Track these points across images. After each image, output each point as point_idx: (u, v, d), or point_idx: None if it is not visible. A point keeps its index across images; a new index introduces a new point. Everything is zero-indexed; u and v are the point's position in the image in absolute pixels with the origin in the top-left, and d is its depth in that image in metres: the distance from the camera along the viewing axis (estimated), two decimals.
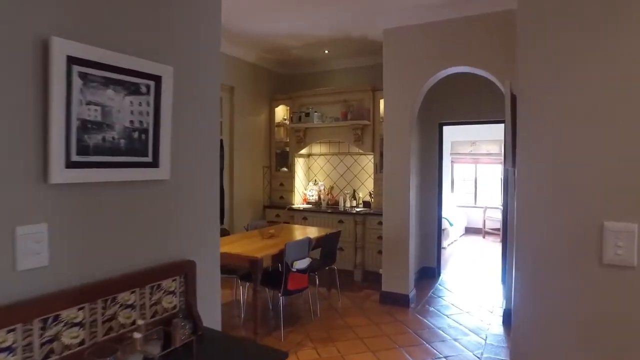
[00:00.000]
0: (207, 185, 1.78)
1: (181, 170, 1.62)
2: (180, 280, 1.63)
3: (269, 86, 6.28)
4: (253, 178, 6.06)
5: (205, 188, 1.76)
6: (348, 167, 6.10)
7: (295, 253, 3.54)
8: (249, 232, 4.38)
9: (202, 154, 1.73)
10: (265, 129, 6.27)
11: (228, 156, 5.59)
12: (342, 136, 5.70)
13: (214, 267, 1.84)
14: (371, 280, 5.15)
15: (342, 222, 5.42)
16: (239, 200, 5.75)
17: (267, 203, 6.32)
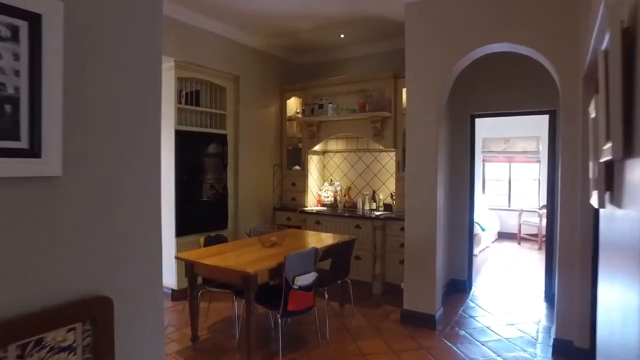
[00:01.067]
0: (138, 186, 1.21)
1: (85, 163, 1.06)
2: (84, 329, 1.08)
3: (278, 76, 5.73)
4: (262, 177, 5.53)
5: (134, 190, 1.20)
6: (367, 166, 5.48)
7: (297, 267, 2.97)
8: (250, 240, 3.84)
9: (127, 136, 1.16)
10: (276, 123, 5.73)
11: (233, 153, 5.07)
12: (360, 130, 5.09)
13: (152, 305, 1.27)
14: (392, 294, 4.52)
15: (360, 227, 4.81)
16: (245, 201, 5.23)
17: (277, 205, 5.77)
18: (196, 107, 4.57)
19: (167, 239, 4.46)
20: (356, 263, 4.75)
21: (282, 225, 5.57)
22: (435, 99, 3.65)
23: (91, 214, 1.08)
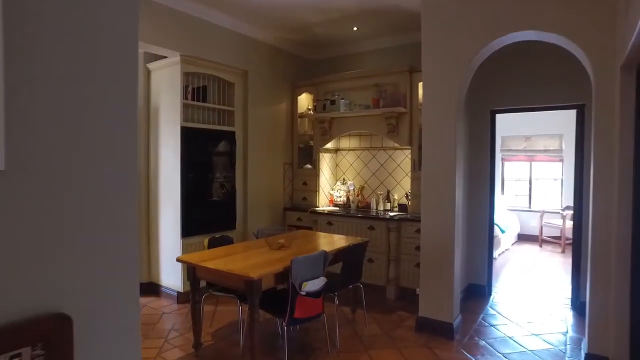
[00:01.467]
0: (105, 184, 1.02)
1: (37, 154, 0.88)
2: (34, 354, 0.90)
3: (290, 71, 5.54)
4: (272, 176, 5.35)
5: (100, 188, 1.01)
6: (381, 164, 5.25)
7: (305, 271, 2.77)
8: (257, 241, 3.65)
9: (87, 130, 0.97)
10: (286, 120, 5.54)
11: (241, 150, 4.90)
12: (373, 127, 4.86)
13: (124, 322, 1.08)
14: (407, 299, 4.29)
15: (374, 228, 4.59)
16: (255, 201, 5.05)
17: (287, 205, 5.58)
18: (203, 103, 4.42)
19: (172, 240, 4.32)
20: (369, 266, 4.53)
21: (292, 226, 5.39)
22: (454, 93, 3.41)
23: (45, 213, 0.90)
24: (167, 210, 4.42)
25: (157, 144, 4.52)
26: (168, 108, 4.36)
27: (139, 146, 3.80)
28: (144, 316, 3.88)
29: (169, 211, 4.38)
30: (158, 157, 4.51)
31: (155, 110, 4.54)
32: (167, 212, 4.42)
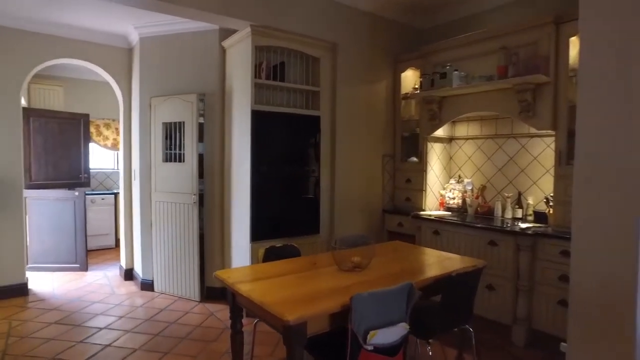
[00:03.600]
0: None
1: None
2: None
3: (391, 43, 4.53)
4: (367, 171, 4.44)
5: None
6: (511, 157, 3.93)
7: (374, 315, 1.83)
8: (328, 256, 2.79)
9: None
10: (387, 103, 4.56)
11: (328, 139, 4.10)
12: (499, 106, 3.60)
13: None
14: (542, 349, 3.00)
15: (496, 244, 3.36)
16: (344, 201, 4.22)
17: (387, 206, 4.61)
18: (280, 83, 3.73)
19: (243, 244, 3.74)
20: (487, 295, 3.33)
21: (392, 232, 4.43)
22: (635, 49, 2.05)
23: None
24: (237, 209, 3.87)
25: (231, 133, 4.00)
26: (240, 90, 3.78)
27: (213, 137, 3.06)
28: (203, 329, 3.38)
29: (240, 210, 3.82)
30: (231, 148, 3.99)
31: (229, 94, 4.02)
32: (238, 212, 3.87)
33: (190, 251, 4.11)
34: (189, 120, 4.09)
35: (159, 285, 4.36)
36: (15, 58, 4.10)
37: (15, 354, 2.98)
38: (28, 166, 5.04)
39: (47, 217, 5.04)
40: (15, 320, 3.61)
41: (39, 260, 5.05)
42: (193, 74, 4.20)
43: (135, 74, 4.53)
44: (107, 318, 3.65)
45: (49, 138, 5.20)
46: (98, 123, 6.72)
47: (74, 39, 4.37)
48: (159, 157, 4.30)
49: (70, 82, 6.27)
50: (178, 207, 4.18)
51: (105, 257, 5.85)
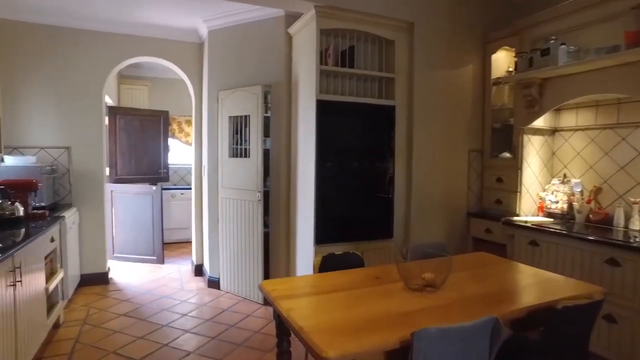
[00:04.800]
0: None
1: None
2: None
3: (479, 20, 3.89)
4: (450, 168, 3.88)
5: None
6: (639, 152, 3.10)
7: (445, 357, 1.38)
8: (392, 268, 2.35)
9: None
10: (474, 89, 3.94)
11: (404, 131, 3.63)
12: (623, 85, 2.81)
13: None
14: None
15: (618, 264, 2.62)
16: (423, 202, 3.72)
17: (473, 209, 4.00)
18: (349, 69, 3.35)
19: (307, 246, 3.45)
20: (607, 328, 2.62)
21: (478, 239, 3.83)
22: None
23: None
24: (302, 208, 3.59)
25: (297, 127, 3.72)
26: (305, 79, 3.48)
27: (279, 132, 2.72)
28: (262, 337, 3.15)
29: (304, 210, 3.53)
30: (297, 142, 3.72)
31: (295, 85, 3.74)
32: (302, 211, 3.59)
33: (254, 251, 3.94)
34: (254, 113, 3.90)
35: (225, 284, 4.26)
36: (97, 59, 4.27)
37: (85, 343, 3.03)
38: (114, 162, 5.31)
39: (129, 210, 5.26)
40: (93, 308, 3.74)
41: (122, 251, 5.31)
42: (259, 65, 4.00)
43: (205, 68, 4.48)
44: (171, 315, 3.61)
45: (132, 135, 5.43)
46: (180, 120, 6.95)
47: (148, 37, 4.44)
48: (226, 152, 4.19)
49: (154, 81, 6.55)
50: (243, 204, 4.02)
51: (182, 251, 6.00)
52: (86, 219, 4.28)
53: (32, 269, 2.60)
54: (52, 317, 3.09)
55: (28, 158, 3.74)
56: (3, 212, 2.97)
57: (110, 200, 5.23)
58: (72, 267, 3.86)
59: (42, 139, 4.09)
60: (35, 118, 4.06)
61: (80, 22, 4.14)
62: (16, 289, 2.29)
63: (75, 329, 3.28)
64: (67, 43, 4.14)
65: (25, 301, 2.45)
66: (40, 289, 2.76)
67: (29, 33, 4.00)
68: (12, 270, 2.25)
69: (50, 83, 4.10)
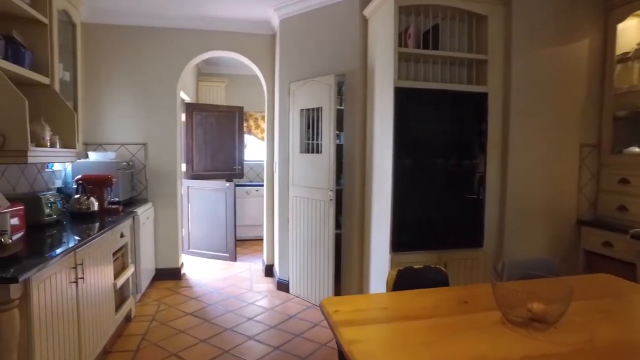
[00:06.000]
0: None
1: None
2: None
3: None
4: (556, 167, 3.23)
5: None
6: None
7: None
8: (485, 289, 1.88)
9: None
10: (590, 70, 3.23)
11: (499, 124, 3.09)
12: None
13: None
14: None
15: None
16: (521, 205, 3.13)
17: (587, 216, 3.30)
18: (433, 52, 2.89)
19: (380, 253, 3.07)
20: None
21: (592, 253, 3.16)
22: None
23: None
24: (378, 210, 3.21)
25: (372, 119, 3.34)
26: (381, 65, 3.09)
27: (354, 125, 2.33)
28: (329, 351, 2.83)
29: (380, 212, 3.15)
30: (373, 136, 3.34)
31: (371, 73, 3.37)
32: (377, 213, 3.21)
33: (325, 255, 3.65)
34: (326, 105, 3.60)
35: (294, 288, 4.04)
36: (170, 56, 4.28)
37: (151, 341, 2.98)
38: (191, 157, 5.38)
39: (204, 206, 5.30)
40: (163, 303, 3.74)
41: (197, 246, 5.37)
42: (332, 53, 3.70)
43: (277, 60, 4.29)
44: (237, 318, 3.46)
45: (208, 131, 5.47)
46: (256, 116, 6.93)
47: (220, 31, 4.36)
48: (297, 148, 3.95)
49: (231, 77, 6.59)
50: (314, 203, 3.75)
51: (255, 249, 5.94)
52: (160, 215, 4.34)
53: (98, 265, 2.57)
54: (122, 312, 3.09)
55: (108, 154, 3.84)
56: (80, 206, 3.03)
57: (186, 196, 5.31)
58: (147, 262, 3.90)
59: (122, 135, 4.21)
60: (116, 115, 4.19)
61: (154, 21, 4.17)
62: (78, 285, 2.24)
63: (144, 325, 3.27)
64: (142, 42, 4.21)
65: (89, 297, 2.41)
66: (107, 285, 2.74)
67: (108, 35, 4.12)
68: (74, 267, 2.20)
69: (128, 81, 4.20)
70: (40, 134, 2.40)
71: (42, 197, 2.63)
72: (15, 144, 2.11)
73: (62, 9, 2.81)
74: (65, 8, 2.86)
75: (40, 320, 1.85)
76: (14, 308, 1.70)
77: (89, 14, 3.95)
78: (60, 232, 2.53)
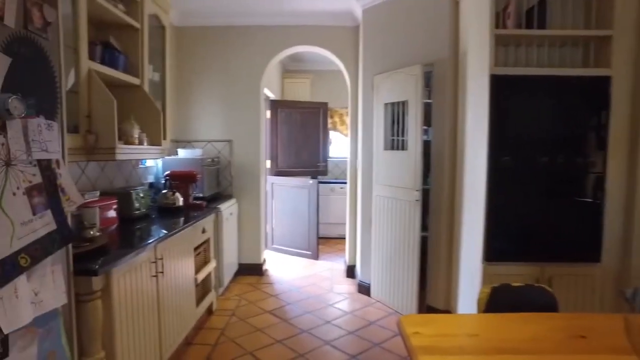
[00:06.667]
0: None
1: None
2: None
3: None
4: None
5: None
6: None
7: None
8: (608, 320, 1.49)
9: None
10: None
11: (627, 115, 2.55)
12: None
13: None
14: None
15: None
16: None
17: None
18: (538, 31, 2.47)
19: (472, 261, 2.73)
20: None
21: None
22: None
23: None
24: (469, 213, 2.87)
25: (464, 111, 3.00)
26: (475, 50, 2.74)
27: (443, 119, 2.02)
28: None
29: (471, 215, 2.81)
30: (464, 132, 2.99)
31: (463, 60, 3.01)
32: (469, 217, 2.87)
33: (409, 259, 3.38)
34: (412, 98, 3.33)
35: (376, 291, 3.83)
36: (253, 53, 4.32)
37: (228, 337, 3.02)
38: (275, 154, 5.44)
39: (288, 203, 5.32)
40: (244, 299, 3.80)
41: (281, 243, 5.42)
42: (418, 42, 3.41)
43: (360, 52, 4.10)
44: (315, 320, 3.36)
45: (292, 127, 5.48)
46: (342, 112, 6.81)
47: (302, 26, 4.29)
48: (380, 145, 3.73)
49: (316, 74, 6.54)
50: (398, 204, 3.51)
51: (339, 247, 5.84)
52: (244, 210, 4.42)
53: (179, 260, 2.64)
54: (204, 305, 3.17)
55: (195, 151, 4.01)
56: (166, 201, 3.17)
57: (270, 192, 5.38)
58: (230, 256, 4.00)
59: (209, 132, 4.37)
60: (204, 114, 4.35)
61: (236, 20, 4.23)
62: (158, 279, 2.30)
63: (224, 319, 3.32)
64: (226, 42, 4.31)
65: (169, 290, 2.47)
66: (188, 279, 2.81)
67: (195, 36, 4.28)
68: (154, 262, 2.26)
69: (215, 80, 4.33)
70: (129, 132, 2.52)
71: (132, 192, 2.78)
72: (105, 142, 2.23)
73: (153, 14, 2.94)
74: (156, 12, 2.98)
75: (121, 311, 1.91)
76: (96, 299, 1.77)
77: (180, 18, 4.15)
78: (145, 227, 2.65)
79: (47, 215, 1.29)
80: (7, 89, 1.15)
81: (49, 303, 1.30)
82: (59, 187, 1.35)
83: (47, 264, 1.30)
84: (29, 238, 1.19)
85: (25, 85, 1.24)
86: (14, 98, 1.14)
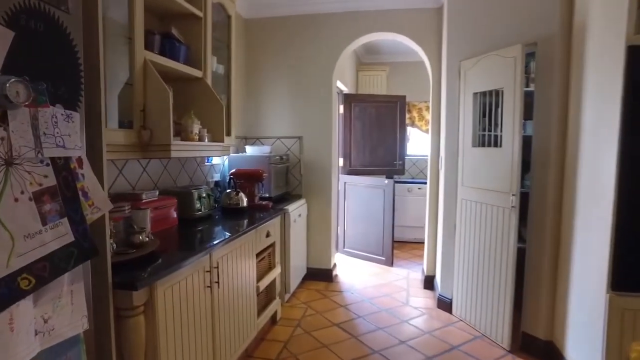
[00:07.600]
0: None
1: None
2: None
3: None
4: None
5: None
6: None
7: None
8: None
9: None
10: None
11: None
12: None
13: None
14: None
15: None
16: None
17: None
18: None
19: (586, 288, 2.15)
20: None
21: None
22: None
23: None
24: (584, 226, 2.27)
25: (579, 99, 2.39)
26: (601, 16, 2.14)
27: (549, 111, 1.47)
28: None
29: (588, 230, 2.22)
30: (579, 125, 2.39)
31: (579, 37, 2.40)
32: (584, 231, 2.27)
33: (501, 274, 2.85)
34: (508, 86, 2.78)
35: (458, 309, 3.33)
36: (324, 44, 4.01)
37: (292, 352, 2.75)
38: (348, 152, 5.10)
39: (361, 203, 4.96)
40: (310, 308, 3.52)
41: (353, 246, 5.08)
42: (517, 17, 2.84)
43: (444, 35, 3.59)
44: (388, 338, 2.97)
45: (366, 123, 5.10)
46: (420, 107, 6.27)
47: (377, 10, 3.87)
48: (468, 140, 3.21)
49: (392, 65, 6.08)
50: (489, 210, 2.98)
51: (415, 253, 5.35)
52: (314, 211, 4.15)
53: (238, 267, 2.42)
54: (266, 314, 2.95)
55: (263, 148, 3.81)
56: (230, 201, 2.99)
57: (342, 192, 5.06)
58: (297, 261, 3.75)
59: (278, 129, 4.16)
60: (273, 109, 4.15)
61: (305, 8, 3.95)
62: (213, 289, 2.09)
63: (288, 330, 3.07)
64: (295, 32, 4.05)
65: (226, 301, 2.26)
66: (248, 288, 2.59)
67: (263, 28, 4.09)
68: (209, 271, 2.05)
69: (284, 73, 4.11)
70: (189, 128, 2.35)
71: (194, 192, 2.63)
72: (159, 138, 2.06)
73: (217, 2, 2.76)
74: (220, 1, 2.80)
75: (167, 327, 1.71)
76: (139, 315, 1.58)
77: (247, 10, 3.98)
78: (204, 230, 2.47)
79: (63, 225, 1.08)
80: (11, 71, 0.95)
81: (62, 331, 1.09)
82: (79, 190, 1.14)
83: (63, 283, 1.10)
84: (33, 254, 0.98)
85: (36, 68, 1.03)
86: (14, 81, 0.93)
